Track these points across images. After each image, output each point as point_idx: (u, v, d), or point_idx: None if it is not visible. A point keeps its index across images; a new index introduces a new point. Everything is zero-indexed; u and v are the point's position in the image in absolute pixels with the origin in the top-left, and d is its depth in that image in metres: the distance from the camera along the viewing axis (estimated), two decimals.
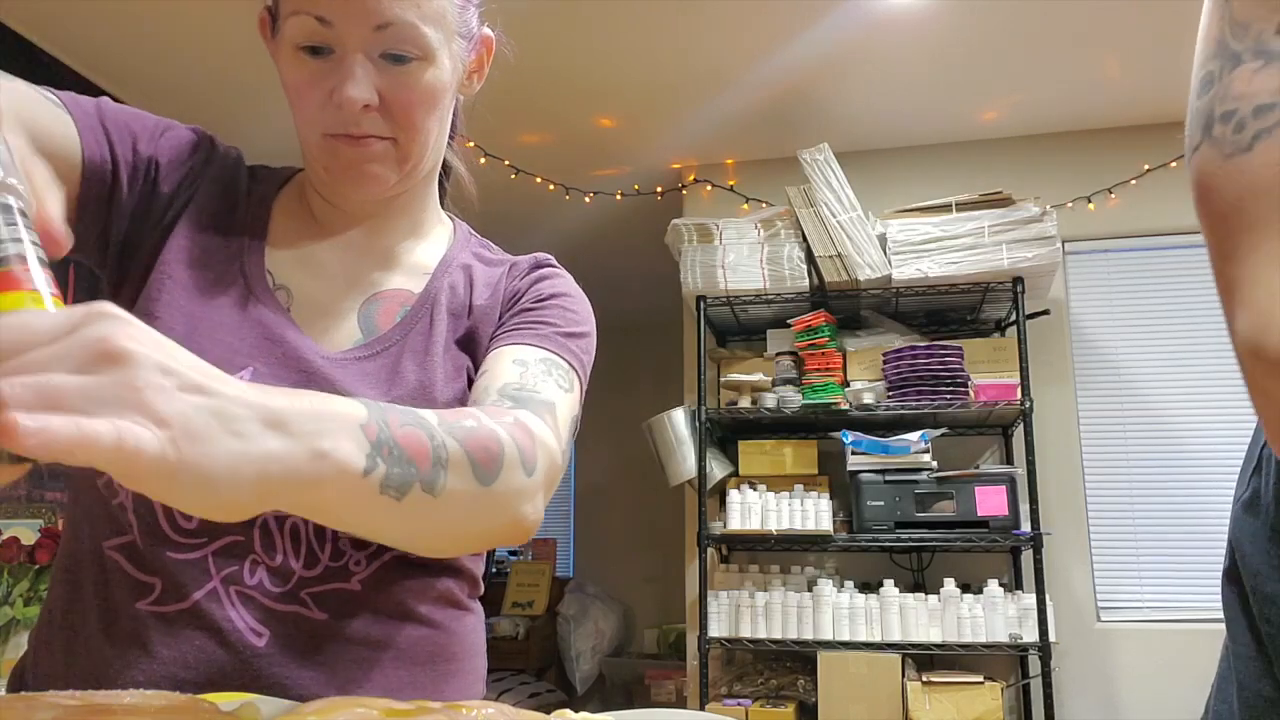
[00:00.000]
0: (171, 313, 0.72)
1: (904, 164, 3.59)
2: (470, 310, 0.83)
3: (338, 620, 0.71)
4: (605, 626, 5.19)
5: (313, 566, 0.71)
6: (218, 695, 0.56)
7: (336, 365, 0.75)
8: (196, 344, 0.70)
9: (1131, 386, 3.33)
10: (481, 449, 0.60)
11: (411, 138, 0.75)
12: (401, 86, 0.73)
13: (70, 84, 3.05)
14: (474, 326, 0.82)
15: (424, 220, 0.87)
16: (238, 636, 0.68)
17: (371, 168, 0.75)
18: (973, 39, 2.90)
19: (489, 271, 0.87)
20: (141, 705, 0.47)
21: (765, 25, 2.82)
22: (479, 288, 0.84)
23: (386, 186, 0.78)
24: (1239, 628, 0.63)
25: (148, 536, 0.69)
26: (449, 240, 0.89)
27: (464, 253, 0.88)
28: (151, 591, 0.68)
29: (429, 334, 0.80)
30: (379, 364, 0.77)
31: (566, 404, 0.75)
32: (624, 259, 4.60)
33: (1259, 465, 0.63)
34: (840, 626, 2.88)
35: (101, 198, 0.74)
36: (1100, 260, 3.44)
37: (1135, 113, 3.35)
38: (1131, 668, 3.13)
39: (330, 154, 0.75)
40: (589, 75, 3.12)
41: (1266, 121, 0.52)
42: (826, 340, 3.09)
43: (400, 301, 0.82)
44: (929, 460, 2.95)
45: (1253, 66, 0.54)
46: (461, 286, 0.84)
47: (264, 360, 0.73)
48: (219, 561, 0.69)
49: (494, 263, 0.88)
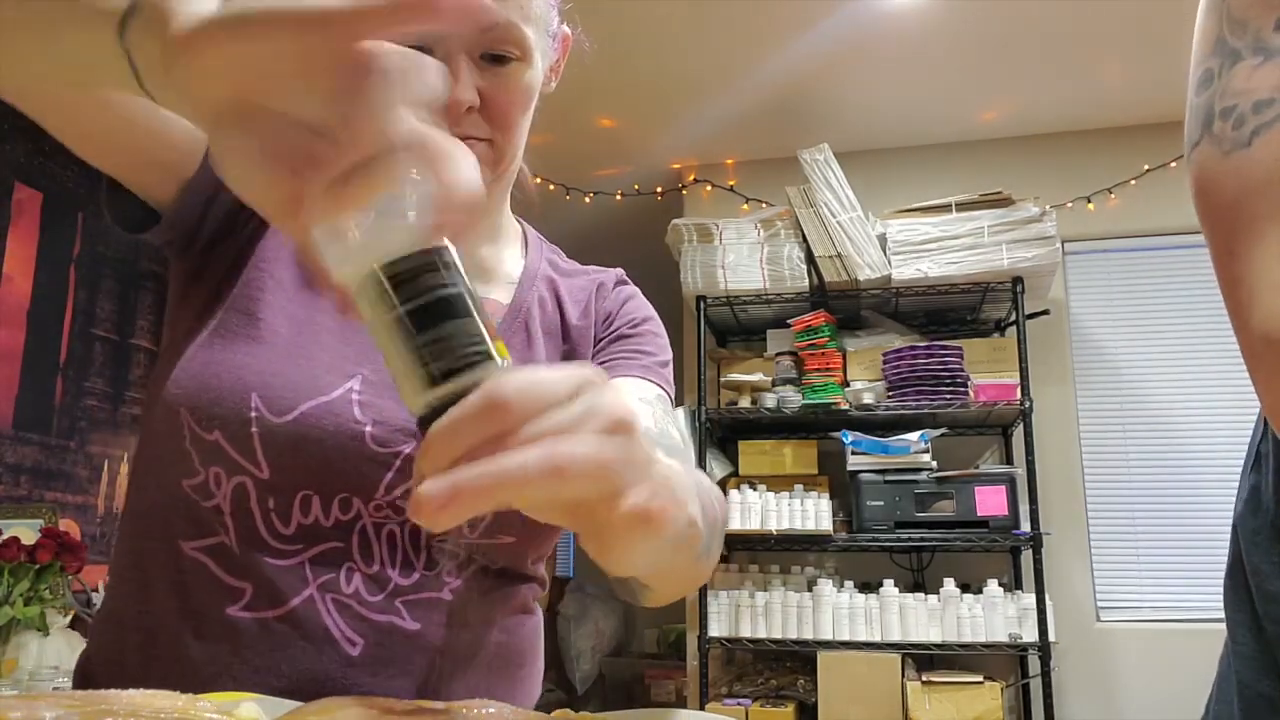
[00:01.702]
0: (275, 314, 0.71)
1: (904, 164, 3.59)
2: (567, 332, 0.82)
3: (428, 629, 0.70)
4: (605, 626, 5.19)
5: (409, 575, 0.70)
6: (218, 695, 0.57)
7: None
8: (303, 349, 0.70)
9: (1131, 386, 3.33)
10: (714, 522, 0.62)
11: (508, 139, 0.74)
12: (502, 88, 0.72)
13: None
14: (572, 349, 0.82)
15: (501, 225, 0.86)
16: (333, 645, 0.67)
17: None
18: (973, 39, 2.90)
19: (572, 284, 0.86)
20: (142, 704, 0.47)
21: (765, 25, 2.82)
22: (569, 305, 0.84)
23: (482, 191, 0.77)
24: (1241, 627, 0.63)
25: (243, 541, 0.68)
26: (524, 246, 0.88)
27: (542, 262, 0.87)
28: (242, 596, 0.67)
29: (528, 348, 0.79)
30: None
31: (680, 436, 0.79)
32: (624, 259, 4.57)
33: (1258, 461, 0.63)
34: (840, 626, 2.88)
35: (207, 186, 0.72)
36: (1100, 260, 3.44)
37: (1135, 113, 3.35)
38: (1131, 668, 3.13)
39: None
40: (589, 75, 3.11)
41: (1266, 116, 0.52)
42: (826, 340, 3.09)
43: (491, 313, 0.81)
44: (929, 460, 2.95)
45: (1252, 63, 0.54)
46: (550, 302, 0.83)
47: (371, 367, 0.71)
48: (316, 568, 0.68)
49: (572, 273, 0.88)
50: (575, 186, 3.77)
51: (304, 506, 0.68)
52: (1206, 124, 0.56)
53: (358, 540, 0.69)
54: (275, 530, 0.68)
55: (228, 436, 0.66)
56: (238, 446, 0.66)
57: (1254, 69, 0.54)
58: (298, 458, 0.67)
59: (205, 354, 0.69)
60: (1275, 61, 0.53)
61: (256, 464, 0.66)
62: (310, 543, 0.68)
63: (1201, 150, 0.56)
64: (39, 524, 2.69)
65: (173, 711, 0.47)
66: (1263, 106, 0.53)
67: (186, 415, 0.68)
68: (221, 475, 0.67)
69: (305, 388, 0.68)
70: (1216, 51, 0.57)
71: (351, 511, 0.68)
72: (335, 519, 0.68)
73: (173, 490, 0.70)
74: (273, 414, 0.66)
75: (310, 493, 0.68)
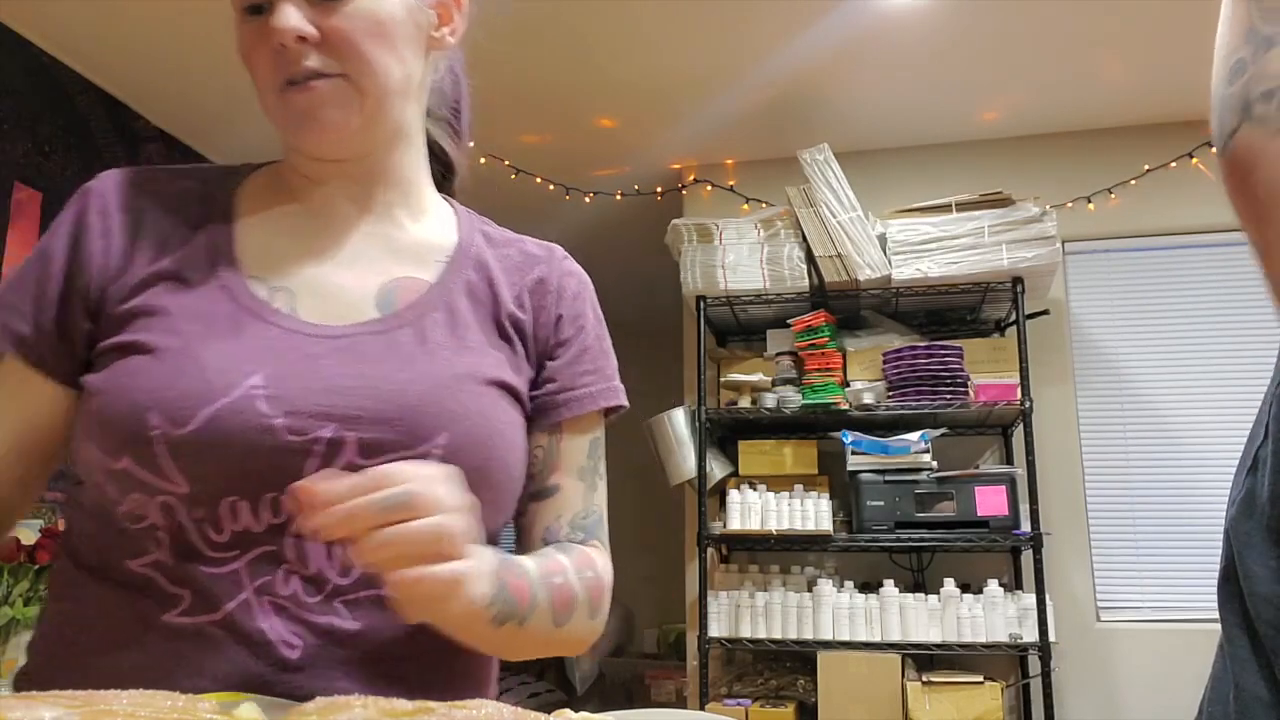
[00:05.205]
0: (160, 335, 0.70)
1: (904, 164, 3.59)
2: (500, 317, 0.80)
3: (370, 628, 0.70)
4: (605, 627, 5.19)
5: (347, 574, 0.69)
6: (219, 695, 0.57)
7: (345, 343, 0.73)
8: (194, 357, 0.68)
9: (1131, 386, 3.33)
10: (563, 602, 0.73)
11: (362, 70, 0.72)
12: (339, 16, 0.71)
13: (71, 85, 3.05)
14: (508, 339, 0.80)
15: (414, 193, 0.83)
16: (270, 648, 0.66)
17: (326, 112, 0.72)
18: (973, 39, 2.90)
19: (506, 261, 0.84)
20: (142, 704, 0.47)
21: (765, 25, 2.82)
22: (503, 289, 0.82)
23: (349, 134, 0.75)
24: (1235, 629, 0.63)
25: (180, 555, 0.67)
26: (453, 222, 0.85)
27: (474, 236, 0.85)
28: (180, 603, 0.66)
29: (450, 326, 0.77)
30: (395, 339, 0.74)
31: (604, 496, 0.86)
32: (624, 259, 4.60)
33: (1254, 465, 0.63)
34: (840, 626, 2.88)
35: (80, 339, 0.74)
36: (1100, 260, 3.44)
37: (1135, 113, 3.35)
38: (1131, 668, 3.13)
39: (284, 108, 0.73)
40: (589, 75, 3.12)
41: None
42: (826, 340, 3.09)
43: (415, 290, 0.78)
44: (929, 460, 2.95)
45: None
46: (482, 285, 0.81)
47: (274, 362, 0.70)
48: (253, 573, 0.67)
49: (503, 243, 0.86)
50: (575, 186, 3.77)
51: (233, 513, 0.67)
52: (1245, 110, 0.56)
53: (292, 542, 0.68)
54: (210, 540, 0.67)
55: (135, 460, 0.66)
56: (148, 467, 0.66)
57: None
58: (212, 465, 0.66)
59: (98, 387, 0.69)
60: None
61: (172, 480, 0.66)
62: (245, 548, 0.67)
63: (1243, 134, 0.56)
64: (39, 524, 2.69)
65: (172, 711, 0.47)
66: None
67: (95, 450, 0.68)
68: (143, 499, 0.67)
69: (202, 394, 0.66)
70: (1248, 40, 0.57)
71: (283, 514, 0.67)
72: (267, 523, 0.67)
73: (106, 519, 0.69)
74: (174, 427, 0.65)
75: (236, 499, 0.67)
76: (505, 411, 0.77)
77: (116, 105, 3.24)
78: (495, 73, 3.06)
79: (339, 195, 0.80)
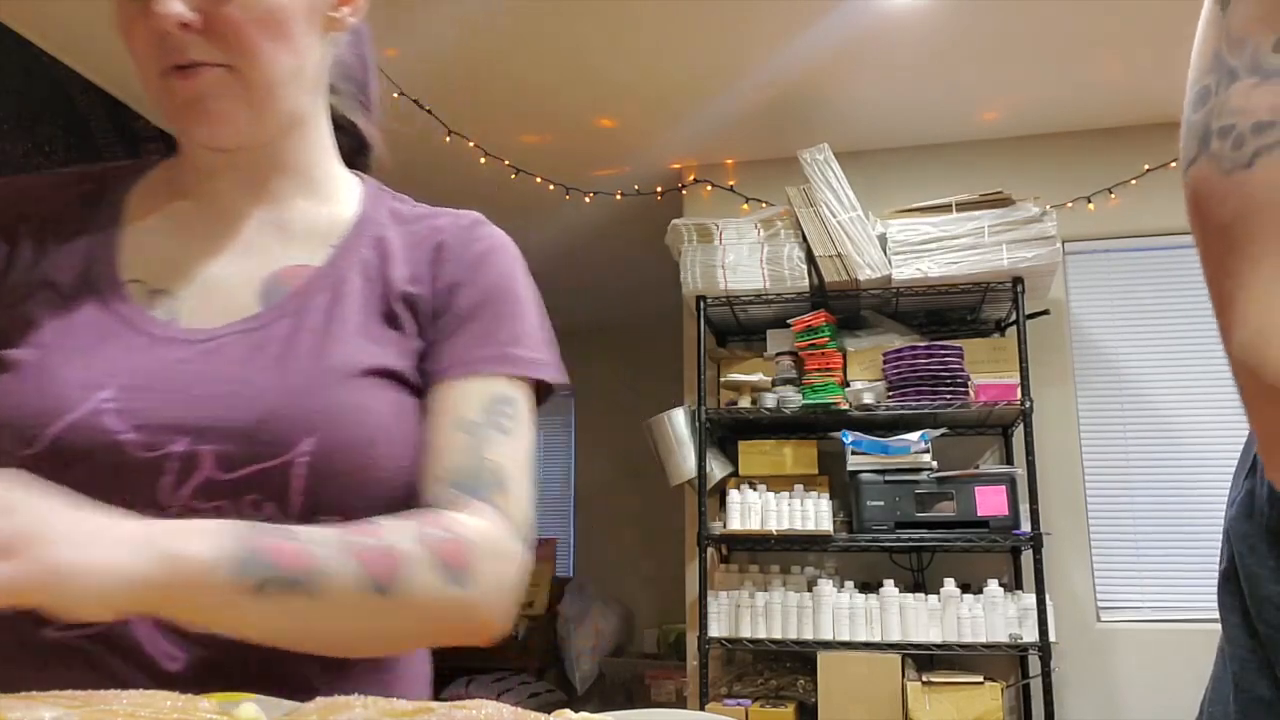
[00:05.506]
0: (27, 353, 0.66)
1: (904, 164, 3.59)
2: (390, 299, 0.74)
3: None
4: (605, 626, 5.19)
5: None
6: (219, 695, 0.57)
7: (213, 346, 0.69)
8: (49, 372, 0.66)
9: (1131, 386, 3.33)
10: (379, 564, 0.60)
11: (250, 63, 0.68)
12: (228, 3, 0.66)
13: (71, 85, 3.05)
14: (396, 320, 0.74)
15: (314, 177, 0.78)
16: (149, 662, 0.63)
17: (212, 104, 0.68)
18: (973, 39, 2.90)
19: (411, 237, 0.78)
20: (142, 704, 0.47)
21: (765, 25, 2.82)
22: (397, 266, 0.75)
23: (237, 126, 0.70)
24: (1236, 630, 0.63)
25: None
26: (357, 203, 0.79)
27: (379, 213, 0.79)
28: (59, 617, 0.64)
29: (333, 309, 0.72)
30: (268, 335, 0.70)
31: (519, 455, 0.71)
32: (624, 259, 4.61)
33: (1254, 466, 0.63)
34: (840, 626, 2.88)
35: None
36: (1100, 260, 3.44)
37: (1135, 113, 3.35)
38: (1131, 668, 3.13)
39: (167, 94, 0.68)
40: (589, 75, 3.12)
41: (1266, 139, 0.52)
42: (826, 340, 3.09)
43: (302, 277, 0.74)
44: (929, 460, 2.95)
45: (1249, 82, 0.54)
46: (375, 264, 0.75)
47: (129, 374, 0.66)
48: None
49: (414, 219, 0.79)
50: (575, 186, 3.77)
51: None
52: (1204, 141, 0.57)
53: None
54: None
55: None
56: None
57: (1251, 88, 0.54)
58: (64, 484, 0.61)
59: None
60: (1273, 83, 0.53)
61: None
62: None
63: (1199, 167, 0.56)
64: None
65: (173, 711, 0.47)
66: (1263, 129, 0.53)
67: None
68: None
69: (51, 411, 0.64)
70: (1214, 68, 0.58)
71: None
72: None
73: None
74: (23, 447, 0.63)
75: None
76: (389, 402, 0.71)
77: (116, 105, 3.24)
78: (495, 73, 3.07)
79: (232, 188, 0.76)
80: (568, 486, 5.98)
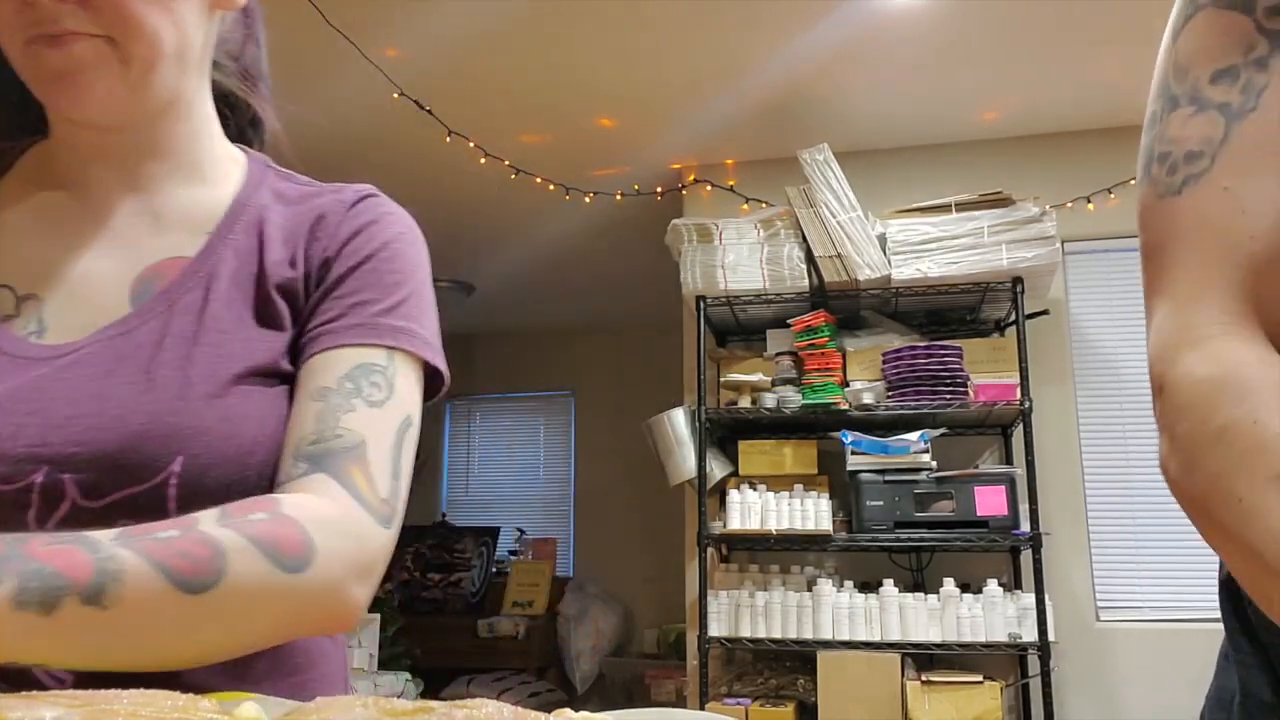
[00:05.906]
0: None
1: (904, 164, 3.59)
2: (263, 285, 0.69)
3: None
4: (605, 626, 5.19)
5: None
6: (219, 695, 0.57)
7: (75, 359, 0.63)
8: None
9: (1131, 386, 3.33)
10: (186, 560, 0.53)
11: (129, 35, 0.62)
12: None
13: None
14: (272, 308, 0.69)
15: (196, 161, 0.73)
16: (36, 686, 0.58)
17: (85, 77, 0.62)
18: (973, 39, 2.90)
19: (291, 219, 0.72)
20: (143, 704, 0.47)
21: (765, 25, 2.82)
22: (273, 250, 0.70)
23: (112, 102, 0.65)
24: (1238, 635, 0.63)
25: None
26: (238, 183, 0.74)
27: (260, 195, 0.74)
28: None
29: (202, 309, 0.67)
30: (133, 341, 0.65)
31: (383, 426, 0.65)
32: (624, 259, 4.61)
33: None
34: (840, 626, 2.88)
35: None
36: (1100, 260, 3.44)
37: (1135, 113, 3.35)
38: (1131, 668, 3.13)
39: (35, 63, 0.62)
40: (589, 75, 3.12)
41: (1194, 169, 0.55)
42: (826, 340, 3.09)
43: (175, 271, 0.69)
44: (929, 460, 2.95)
45: (1187, 111, 0.57)
46: (249, 250, 0.70)
47: None
48: None
49: (298, 199, 0.74)
50: (575, 186, 3.77)
51: None
52: (1146, 166, 0.60)
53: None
54: None
55: None
56: None
57: (1188, 118, 0.57)
58: None
59: None
60: (1207, 114, 0.56)
61: None
62: None
63: (1142, 189, 0.60)
64: None
65: (173, 711, 0.47)
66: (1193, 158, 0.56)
67: None
68: None
69: None
70: (1160, 95, 0.60)
71: None
72: None
73: None
74: None
75: None
76: (267, 404, 0.66)
77: None
78: (495, 73, 3.07)
79: (103, 174, 0.70)
80: (568, 486, 5.98)
